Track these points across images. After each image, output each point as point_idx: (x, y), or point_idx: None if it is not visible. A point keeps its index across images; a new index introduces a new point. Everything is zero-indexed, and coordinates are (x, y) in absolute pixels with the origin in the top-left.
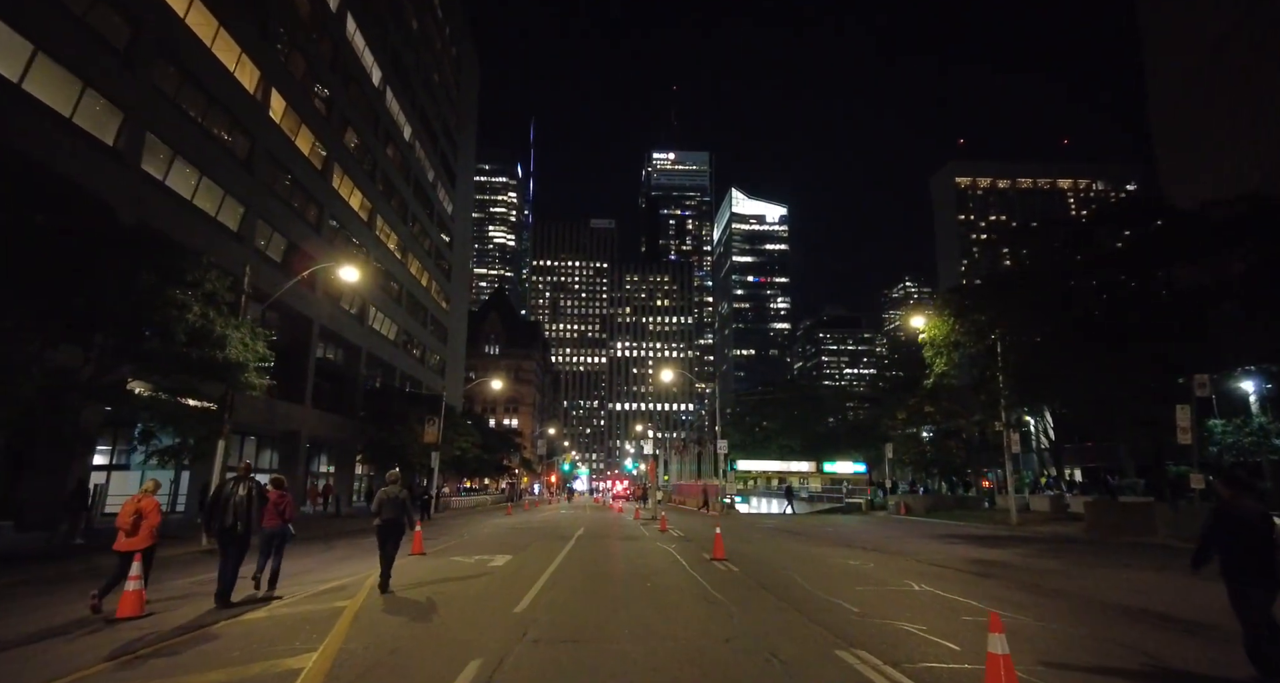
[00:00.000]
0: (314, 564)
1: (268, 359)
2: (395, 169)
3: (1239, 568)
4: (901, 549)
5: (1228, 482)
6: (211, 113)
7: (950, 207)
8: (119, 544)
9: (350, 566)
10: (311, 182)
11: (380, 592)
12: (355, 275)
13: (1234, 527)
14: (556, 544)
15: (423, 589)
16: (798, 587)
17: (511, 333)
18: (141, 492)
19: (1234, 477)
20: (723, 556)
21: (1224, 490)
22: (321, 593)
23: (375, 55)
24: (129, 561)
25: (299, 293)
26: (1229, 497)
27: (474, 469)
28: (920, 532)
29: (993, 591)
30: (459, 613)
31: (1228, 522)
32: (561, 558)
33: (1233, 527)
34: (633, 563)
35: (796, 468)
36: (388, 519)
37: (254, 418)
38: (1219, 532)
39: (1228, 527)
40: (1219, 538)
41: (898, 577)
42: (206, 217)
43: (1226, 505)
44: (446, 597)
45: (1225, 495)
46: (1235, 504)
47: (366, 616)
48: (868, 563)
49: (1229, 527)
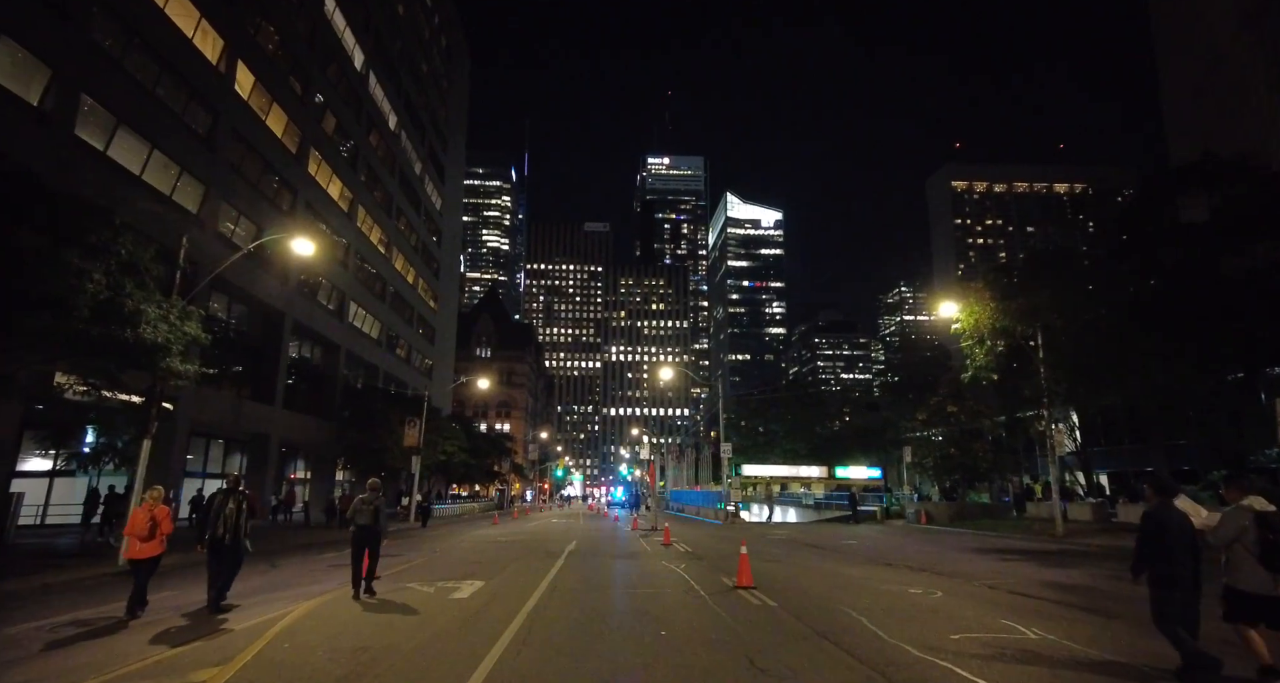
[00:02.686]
0: (243, 591)
1: (202, 342)
2: (379, 159)
3: (1164, 574)
4: (955, 570)
5: (1154, 487)
6: (165, 80)
7: (946, 210)
8: (132, 552)
9: (276, 600)
10: (284, 165)
11: (354, 598)
12: (311, 249)
13: (1160, 533)
14: (542, 565)
15: (339, 642)
16: (866, 635)
17: (503, 335)
18: (151, 499)
19: (1160, 482)
20: (750, 583)
21: (1150, 496)
22: (206, 644)
23: (357, 37)
24: (144, 567)
25: (268, 285)
26: (1155, 502)
27: (461, 475)
28: (957, 545)
29: (1126, 636)
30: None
31: (1154, 528)
32: (545, 587)
33: (1159, 533)
34: (637, 595)
35: (806, 473)
36: (363, 526)
37: (218, 419)
38: (1150, 538)
39: (1154, 533)
40: (1151, 544)
41: (986, 613)
42: (158, 193)
43: (1154, 511)
44: (368, 660)
45: (1151, 501)
46: (1162, 510)
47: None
48: (932, 590)
49: (1155, 533)
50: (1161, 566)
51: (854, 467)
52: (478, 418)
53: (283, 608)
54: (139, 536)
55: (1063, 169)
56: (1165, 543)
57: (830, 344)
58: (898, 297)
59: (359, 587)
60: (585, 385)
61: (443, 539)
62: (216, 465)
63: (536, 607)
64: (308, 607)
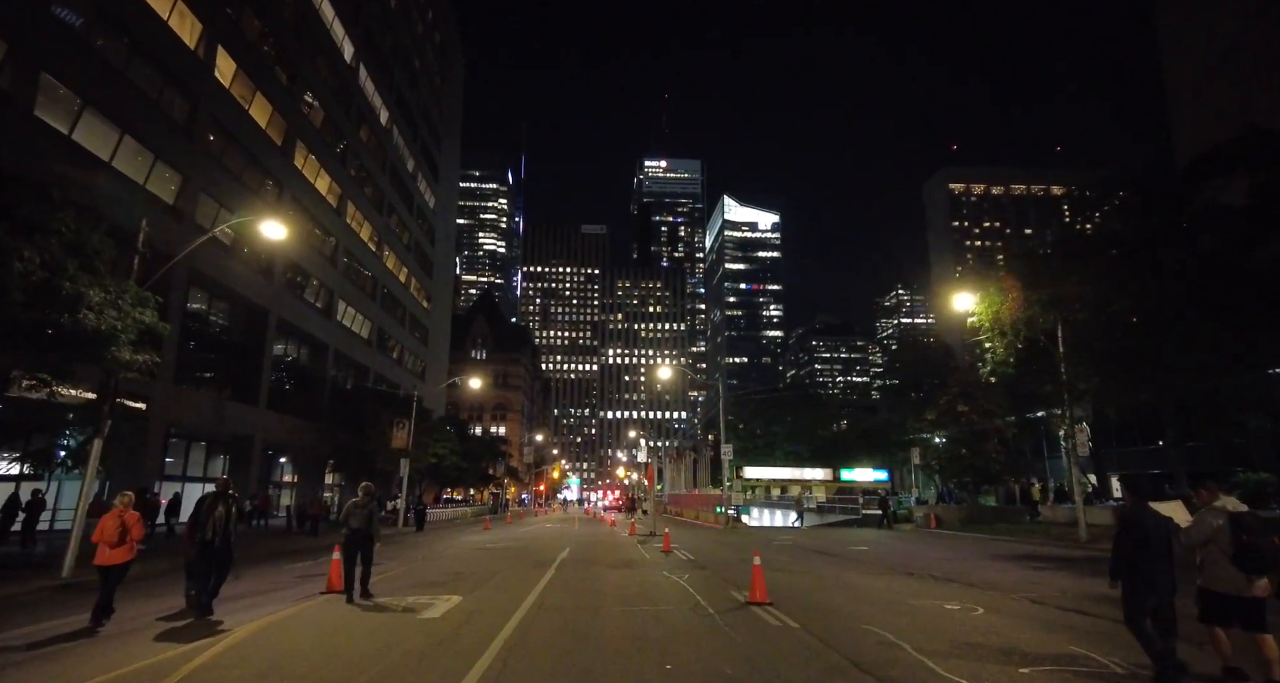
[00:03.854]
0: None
1: (161, 332)
2: (370, 154)
3: (1138, 575)
4: (986, 580)
5: (1130, 488)
6: (138, 63)
7: (944, 213)
8: (101, 558)
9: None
10: (269, 157)
11: (347, 601)
12: (282, 233)
13: (1137, 534)
14: (530, 575)
15: (269, 680)
16: (915, 668)
17: (499, 337)
18: (121, 504)
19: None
20: (765, 598)
21: (1127, 497)
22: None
23: (347, 29)
24: (113, 574)
25: (251, 280)
26: (1131, 504)
27: (454, 478)
28: (977, 552)
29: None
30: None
31: (1131, 529)
32: (530, 603)
33: (1136, 534)
34: (636, 615)
35: (810, 475)
36: (355, 529)
37: (197, 420)
38: (1125, 538)
39: (1131, 535)
40: (1127, 545)
41: (1044, 636)
42: (130, 181)
43: (1130, 512)
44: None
45: (1128, 502)
46: (1137, 511)
47: None
48: (970, 606)
49: (1132, 534)
50: (1135, 566)
51: (860, 469)
52: (473, 421)
53: (227, 626)
54: (108, 542)
55: (1060, 171)
56: (1141, 544)
57: (827, 347)
58: (895, 300)
59: (351, 591)
60: (582, 389)
61: (428, 545)
62: (198, 469)
63: (518, 629)
64: (248, 630)
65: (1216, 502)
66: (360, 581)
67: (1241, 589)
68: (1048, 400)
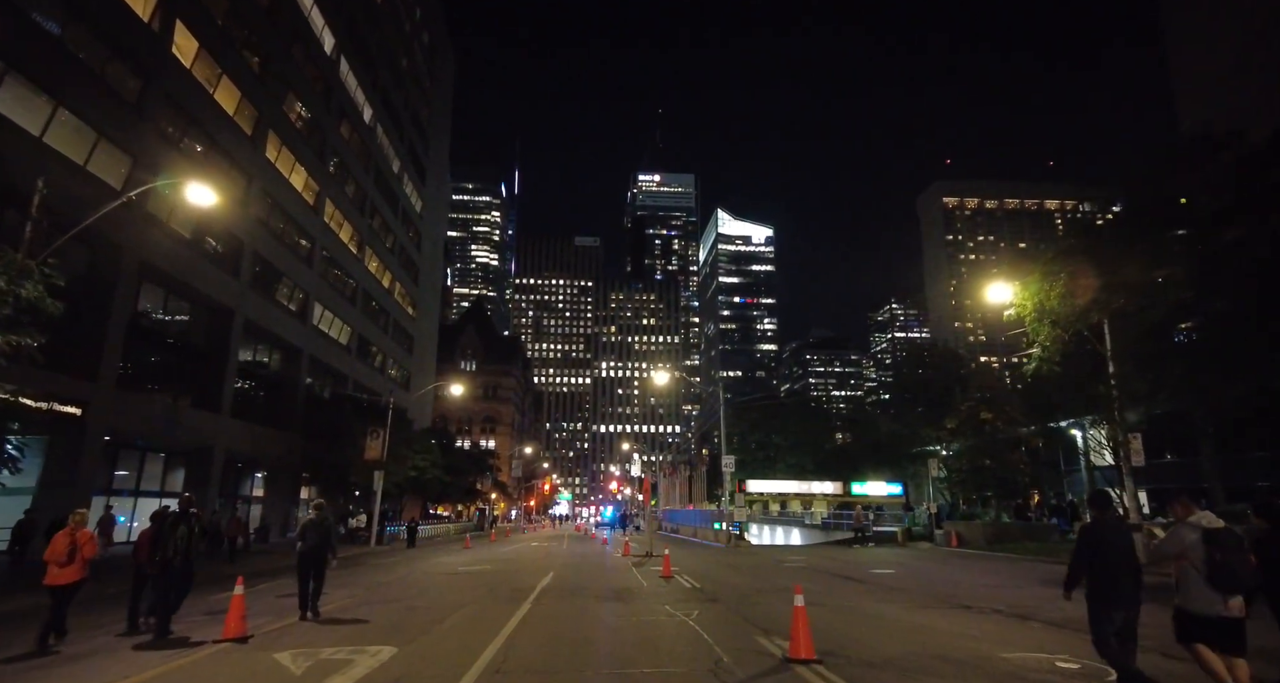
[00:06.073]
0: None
1: (51, 311)
2: (351, 152)
3: (1102, 589)
4: (1068, 618)
5: (1093, 502)
6: (75, 28)
7: (938, 227)
8: (51, 578)
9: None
10: (236, 146)
11: (300, 619)
12: (213, 199)
13: (1100, 548)
14: (498, 613)
15: None
16: None
17: (490, 348)
18: (73, 523)
19: (1099, 498)
20: (812, 654)
21: (1091, 511)
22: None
23: (327, 18)
24: (62, 594)
25: (214, 278)
26: (1095, 517)
27: (438, 493)
28: (1020, 576)
29: None
30: None
31: (1094, 543)
32: (485, 662)
33: (1099, 548)
34: (634, 679)
35: (818, 489)
36: (311, 546)
37: (148, 428)
38: (1086, 553)
39: (1094, 548)
40: (1085, 559)
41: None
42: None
43: (1091, 526)
44: None
45: (1093, 516)
46: (1100, 525)
47: None
48: (1091, 661)
49: (1095, 549)
50: (1101, 582)
51: (872, 482)
52: (461, 434)
53: None
54: (57, 561)
55: (1053, 186)
56: (1104, 559)
57: (822, 361)
58: (888, 314)
59: (305, 609)
60: (575, 402)
61: (392, 568)
62: (154, 482)
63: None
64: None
65: (1191, 517)
66: (312, 597)
67: (1216, 609)
68: (1072, 407)
